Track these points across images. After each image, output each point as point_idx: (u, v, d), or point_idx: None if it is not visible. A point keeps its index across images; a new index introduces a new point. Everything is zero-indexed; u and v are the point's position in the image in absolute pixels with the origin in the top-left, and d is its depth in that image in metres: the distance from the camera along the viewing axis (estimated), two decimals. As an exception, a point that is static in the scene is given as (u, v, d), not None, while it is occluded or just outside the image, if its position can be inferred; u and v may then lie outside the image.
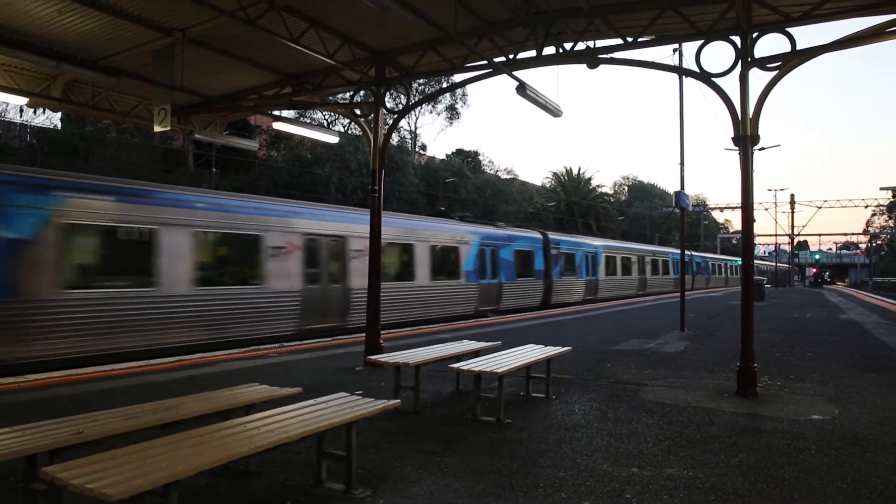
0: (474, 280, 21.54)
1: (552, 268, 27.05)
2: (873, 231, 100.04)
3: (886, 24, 8.18)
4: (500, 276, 23.14)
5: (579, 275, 30.21)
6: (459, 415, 7.32)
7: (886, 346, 14.32)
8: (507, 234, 24.79)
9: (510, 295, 23.80)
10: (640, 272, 39.89)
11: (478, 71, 11.12)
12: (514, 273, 24.15)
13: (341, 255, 16.36)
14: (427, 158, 60.14)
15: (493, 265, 22.77)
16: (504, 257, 23.48)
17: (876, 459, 5.77)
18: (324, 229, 15.99)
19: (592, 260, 31.78)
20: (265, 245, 14.44)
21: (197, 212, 13.20)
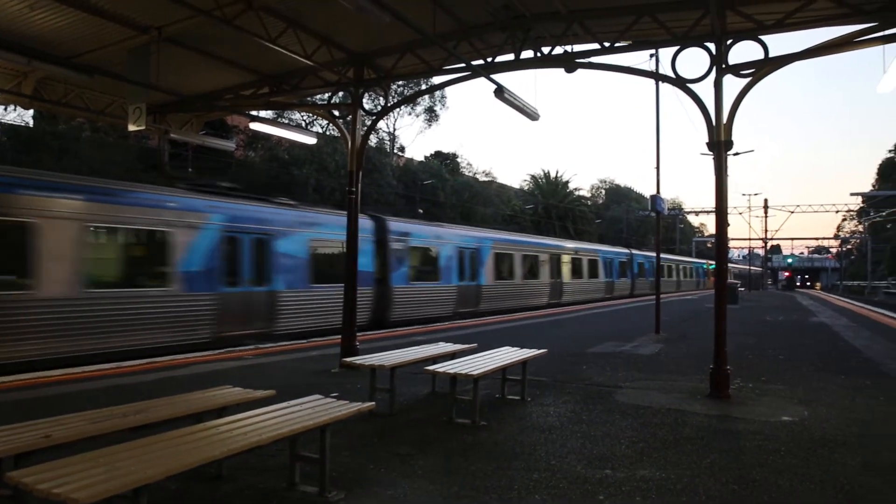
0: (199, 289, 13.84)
1: (392, 270, 19.40)
2: (844, 236, 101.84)
3: (854, 34, 8.35)
4: (273, 282, 15.36)
5: (446, 279, 22.23)
6: (435, 417, 7.31)
7: (854, 348, 14.58)
8: (280, 214, 16.10)
9: (293, 311, 15.92)
10: (553, 275, 31.04)
11: (456, 74, 11.14)
12: (304, 278, 16.28)
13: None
14: (405, 160, 60.07)
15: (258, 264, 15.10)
16: (286, 251, 15.80)
17: (843, 460, 5.87)
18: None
19: (473, 259, 23.93)
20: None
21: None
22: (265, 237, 15.14)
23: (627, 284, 42.33)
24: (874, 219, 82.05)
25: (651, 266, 47.26)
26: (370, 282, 18.49)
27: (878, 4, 8.19)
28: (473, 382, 6.92)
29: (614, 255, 40.81)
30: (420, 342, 10.98)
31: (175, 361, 11.09)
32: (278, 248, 15.47)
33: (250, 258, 14.74)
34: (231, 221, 14.38)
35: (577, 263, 34.10)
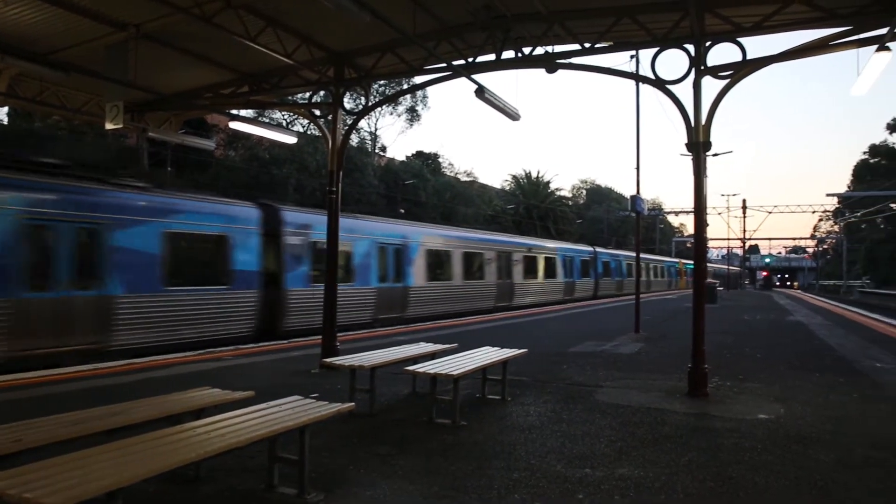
0: None
1: (287, 269, 16.59)
2: (820, 236, 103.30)
3: (829, 37, 8.48)
4: (107, 284, 12.52)
5: (363, 281, 19.12)
6: (415, 417, 7.30)
7: (829, 346, 14.79)
8: (118, 198, 13.04)
9: None
10: (501, 275, 27.85)
11: (437, 73, 11.13)
12: (154, 278, 13.33)
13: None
14: (387, 160, 59.97)
15: None
16: (126, 245, 12.88)
17: (818, 456, 5.95)
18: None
19: (398, 256, 21.07)
20: None
21: None
22: (94, 226, 12.26)
23: (590, 285, 39.22)
24: (849, 219, 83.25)
25: (617, 265, 45.18)
26: (254, 284, 15.42)
27: (853, 9, 8.31)
28: (454, 382, 6.93)
29: (575, 253, 37.61)
30: (401, 342, 10.96)
31: (155, 363, 10.99)
32: (115, 241, 12.54)
33: (71, 253, 11.88)
34: (37, 206, 11.40)
35: (532, 262, 30.57)
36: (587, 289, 38.98)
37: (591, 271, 39.43)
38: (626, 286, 45.40)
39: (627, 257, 47.55)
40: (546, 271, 32.42)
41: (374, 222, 21.09)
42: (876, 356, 13.17)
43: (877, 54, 8.05)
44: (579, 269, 37.39)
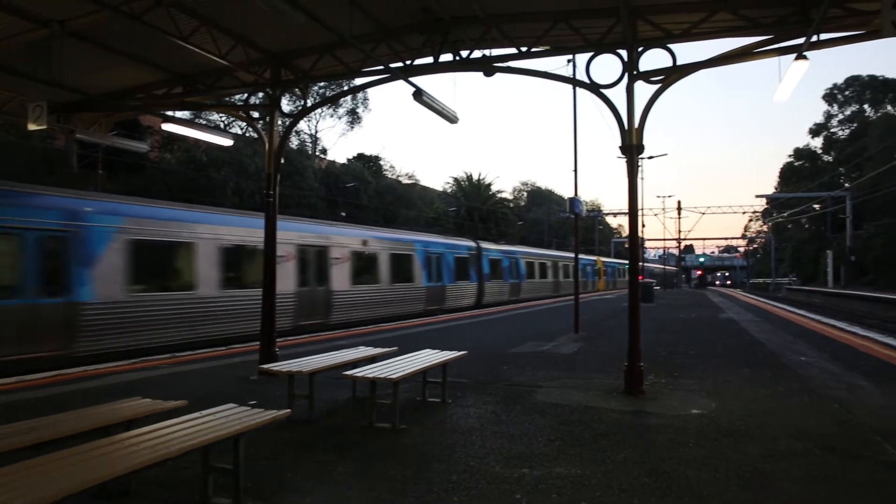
0: None
1: None
2: (750, 235, 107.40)
3: (753, 45, 8.82)
4: None
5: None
6: (355, 422, 7.26)
7: (758, 342, 15.37)
8: None
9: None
10: (310, 280, 20.07)
11: (375, 76, 11.08)
12: None
13: None
14: (328, 162, 59.44)
15: None
16: None
17: (746, 449, 6.18)
18: None
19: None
20: None
21: None
22: None
23: (470, 290, 30.59)
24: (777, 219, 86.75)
25: (511, 265, 36.32)
26: None
27: (774, 19, 8.67)
28: (393, 386, 6.90)
29: (446, 248, 28.54)
30: (342, 346, 10.85)
31: (87, 372, 10.58)
32: None
33: None
34: None
35: (368, 262, 22.26)
36: (465, 295, 30.15)
37: (472, 273, 30.95)
38: (528, 290, 38.59)
39: (529, 255, 40.35)
40: (395, 274, 23.68)
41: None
42: (801, 350, 13.75)
43: (795, 62, 8.42)
44: (453, 271, 28.67)
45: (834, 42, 8.47)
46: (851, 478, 5.39)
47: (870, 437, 6.60)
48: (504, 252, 36.04)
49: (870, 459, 5.87)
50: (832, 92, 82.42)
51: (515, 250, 38.79)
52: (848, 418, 7.49)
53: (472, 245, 31.96)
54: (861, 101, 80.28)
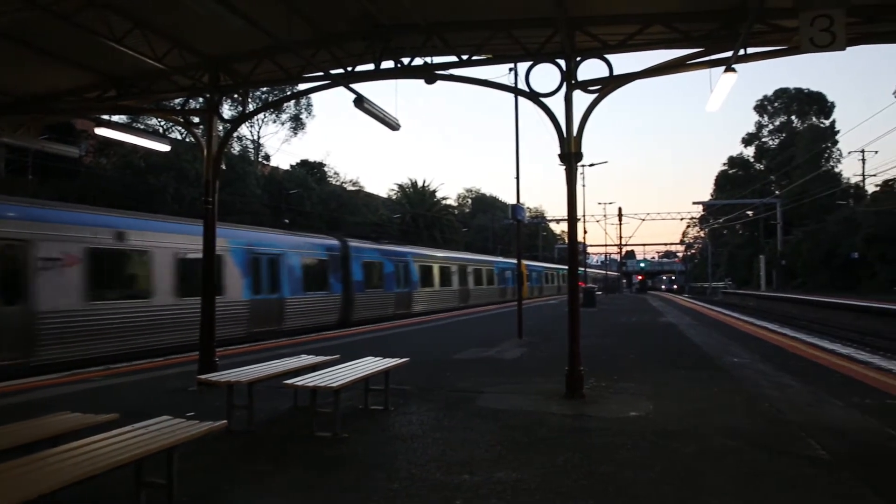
0: None
1: None
2: (688, 241, 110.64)
3: (685, 57, 9.10)
4: None
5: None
6: (296, 432, 7.15)
7: (696, 345, 15.82)
8: None
9: None
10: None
11: (316, 82, 11.00)
12: None
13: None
14: (271, 169, 58.58)
15: None
16: None
17: (681, 449, 6.34)
18: None
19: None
20: None
21: None
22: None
23: (328, 304, 23.07)
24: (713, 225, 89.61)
25: (398, 270, 29.01)
26: None
27: (704, 32, 8.97)
28: (334, 394, 6.83)
29: (289, 248, 21.34)
30: (284, 355, 10.68)
31: (10, 387, 10.11)
32: None
33: None
34: None
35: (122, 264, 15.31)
36: (323, 310, 22.76)
37: (331, 282, 23.36)
38: (424, 301, 31.26)
39: (424, 257, 32.89)
40: (174, 285, 16.03)
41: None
42: (735, 352, 14.22)
43: (725, 75, 8.73)
44: (300, 280, 21.43)
45: (759, 56, 8.84)
46: (779, 473, 5.59)
47: (796, 434, 6.86)
48: (386, 253, 28.21)
49: (796, 455, 6.11)
50: (763, 103, 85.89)
51: (404, 252, 30.72)
52: (777, 417, 7.77)
53: (334, 244, 24.30)
54: (789, 113, 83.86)
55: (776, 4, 7.75)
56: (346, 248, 24.80)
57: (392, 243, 30.77)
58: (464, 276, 38.09)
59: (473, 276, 39.48)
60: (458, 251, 46.40)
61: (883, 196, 58.52)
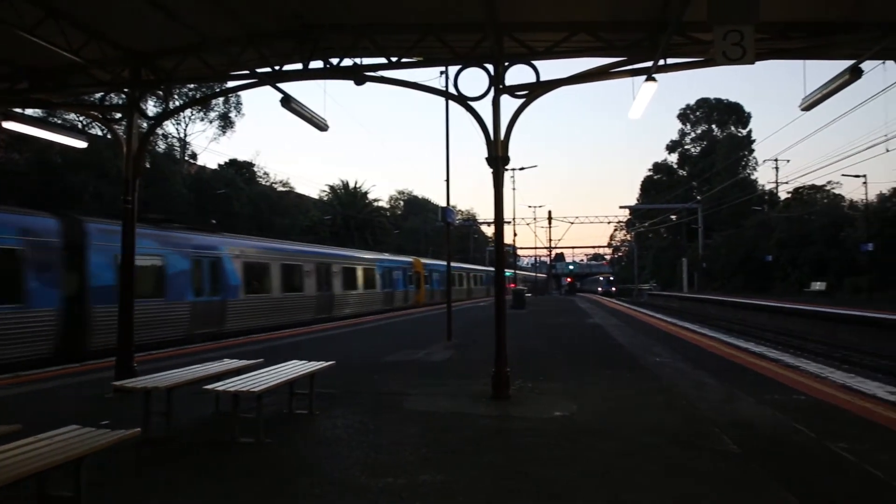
0: None
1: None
2: (615, 244, 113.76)
3: (609, 65, 9.35)
4: None
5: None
6: (217, 438, 6.96)
7: (621, 345, 16.26)
8: None
9: None
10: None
11: (243, 80, 10.77)
12: None
13: None
14: (198, 168, 56.98)
15: None
16: None
17: (602, 447, 6.50)
18: None
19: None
20: None
21: None
22: None
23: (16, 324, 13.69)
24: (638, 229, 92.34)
25: (195, 269, 19.25)
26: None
27: (627, 42, 9.25)
28: (257, 399, 6.69)
29: None
30: (209, 359, 10.39)
31: None
32: None
33: None
34: None
35: None
36: None
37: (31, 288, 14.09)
38: (248, 314, 21.71)
39: (251, 251, 22.88)
40: None
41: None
42: (657, 352, 14.69)
43: (646, 84, 9.03)
44: None
45: (678, 66, 9.18)
46: (694, 467, 5.81)
47: (711, 430, 7.14)
48: (171, 242, 18.54)
49: (710, 450, 6.37)
50: (686, 112, 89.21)
51: (212, 242, 20.77)
52: (694, 413, 8.07)
53: (44, 223, 14.89)
54: (710, 122, 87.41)
55: (693, 18, 8.04)
56: (80, 232, 15.78)
57: (194, 229, 20.94)
58: (327, 278, 28.05)
59: (343, 277, 29.89)
60: (321, 245, 33.73)
61: (794, 202, 61.75)
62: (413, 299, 40.57)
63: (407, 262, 41.73)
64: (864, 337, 25.12)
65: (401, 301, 38.33)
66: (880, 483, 5.34)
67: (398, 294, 38.24)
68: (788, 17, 8.87)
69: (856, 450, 6.22)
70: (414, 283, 41.43)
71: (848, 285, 44.72)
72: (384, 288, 35.83)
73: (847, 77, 8.62)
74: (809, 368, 12.26)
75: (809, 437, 6.80)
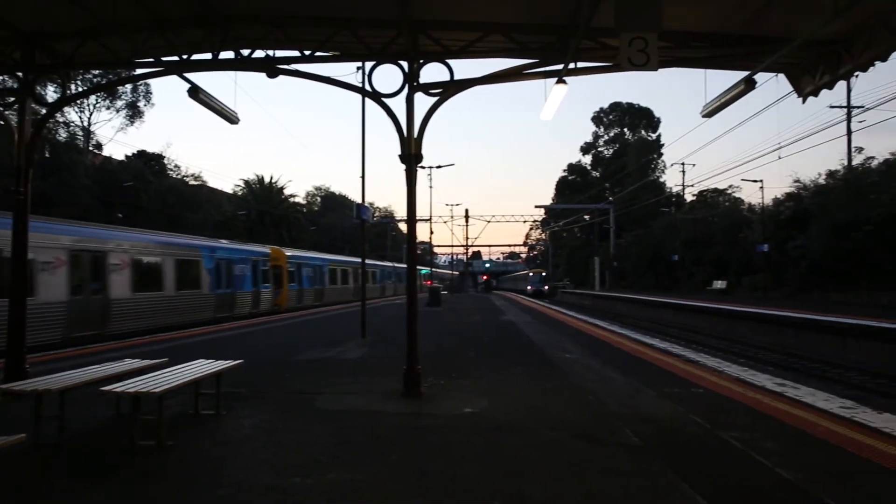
0: None
1: None
2: (531, 243, 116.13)
3: (523, 66, 9.53)
4: None
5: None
6: (116, 442, 6.65)
7: (533, 342, 16.60)
8: None
9: None
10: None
11: (148, 68, 10.33)
12: None
13: None
14: (103, 159, 54.38)
15: None
16: None
17: (510, 442, 6.62)
18: None
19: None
20: None
21: None
22: None
23: None
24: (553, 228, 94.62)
25: None
26: None
27: (540, 44, 9.45)
28: (158, 400, 6.44)
29: None
30: (109, 359, 9.92)
31: None
32: None
33: None
34: None
35: None
36: None
37: None
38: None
39: None
40: None
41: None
42: (567, 348, 15.09)
43: (556, 86, 9.25)
44: None
45: (588, 70, 9.46)
46: (595, 460, 6.01)
47: (614, 424, 7.40)
48: None
49: (612, 443, 6.60)
50: (599, 115, 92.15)
51: None
52: (599, 408, 8.33)
53: None
54: (622, 125, 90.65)
55: (603, 24, 8.29)
56: None
57: None
58: (101, 273, 19.28)
59: (134, 273, 20.66)
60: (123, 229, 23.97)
61: (698, 205, 64.83)
62: (270, 302, 31.46)
63: (259, 252, 31.70)
64: (759, 332, 26.64)
65: (247, 305, 28.74)
66: (764, 468, 5.68)
67: (242, 296, 28.48)
68: (691, 28, 9.28)
69: (744, 438, 6.60)
70: (271, 281, 32.03)
71: (746, 284, 47.31)
72: (218, 288, 26.27)
73: (742, 87, 9.09)
74: (708, 363, 12.86)
75: (704, 428, 7.15)
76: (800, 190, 43.78)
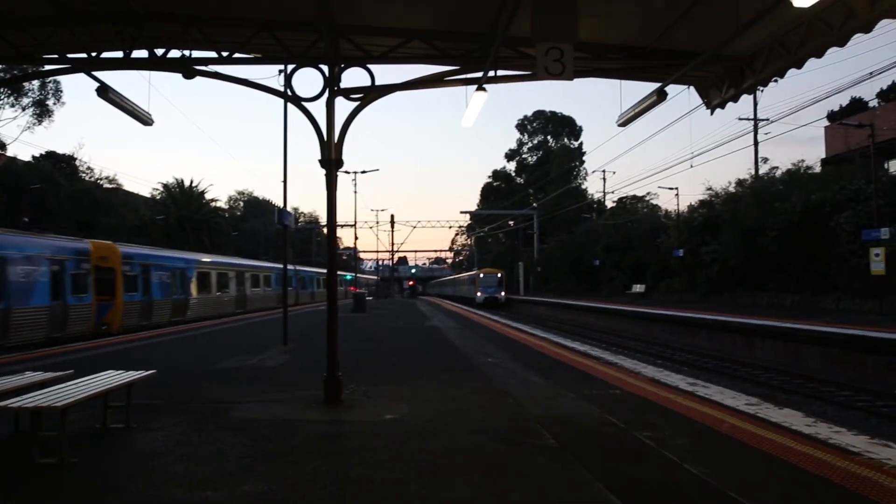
0: None
1: None
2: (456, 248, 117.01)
3: (444, 73, 9.59)
4: None
5: None
6: (13, 461, 6.28)
7: (456, 347, 16.71)
8: None
9: None
10: None
11: (54, 65, 9.86)
12: None
13: None
14: (7, 160, 51.41)
15: None
16: None
17: (429, 448, 6.62)
18: None
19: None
20: None
21: None
22: None
23: None
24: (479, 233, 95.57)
25: None
26: None
27: (461, 51, 9.52)
28: (60, 415, 6.12)
29: None
30: (9, 372, 9.37)
31: None
32: None
33: None
34: None
35: None
36: None
37: None
38: None
39: None
40: None
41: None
42: (490, 353, 15.26)
43: (476, 93, 9.35)
44: None
45: (508, 79, 9.61)
46: (513, 463, 6.10)
47: (532, 426, 7.52)
48: None
49: (529, 445, 6.70)
50: (523, 122, 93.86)
51: None
52: (519, 411, 8.46)
53: None
54: (546, 133, 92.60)
55: (522, 34, 8.44)
56: None
57: None
58: None
59: None
60: None
61: (618, 211, 66.87)
62: (92, 321, 22.87)
63: (67, 249, 22.37)
64: (675, 334, 27.69)
65: (34, 328, 19.35)
66: (674, 464, 5.89)
67: (31, 313, 19.27)
68: (605, 40, 9.57)
69: (657, 437, 6.83)
70: (91, 291, 23.04)
71: (663, 287, 49.11)
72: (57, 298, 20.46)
73: (655, 98, 9.44)
74: (626, 364, 13.27)
75: (619, 428, 7.36)
76: (712, 197, 45.88)
